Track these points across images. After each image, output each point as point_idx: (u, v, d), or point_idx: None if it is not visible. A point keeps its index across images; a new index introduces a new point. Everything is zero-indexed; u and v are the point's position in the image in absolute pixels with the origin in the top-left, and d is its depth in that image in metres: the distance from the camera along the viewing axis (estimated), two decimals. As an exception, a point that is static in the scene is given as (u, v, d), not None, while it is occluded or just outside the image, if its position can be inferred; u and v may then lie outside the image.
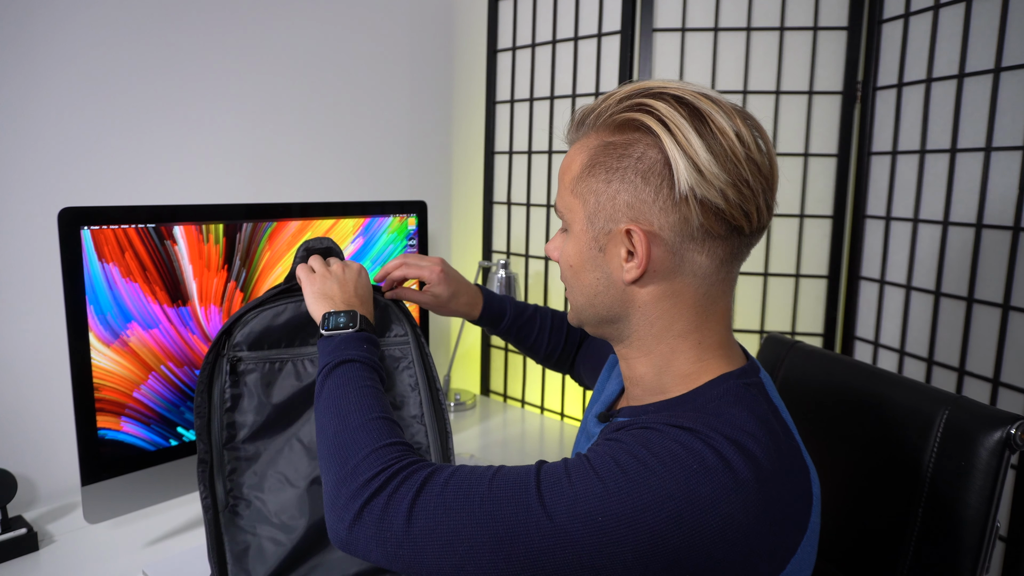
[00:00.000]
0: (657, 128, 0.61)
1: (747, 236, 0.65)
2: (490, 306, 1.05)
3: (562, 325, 1.10)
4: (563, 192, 0.70)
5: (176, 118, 1.30)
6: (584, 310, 0.72)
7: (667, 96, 0.63)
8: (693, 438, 0.58)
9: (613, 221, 0.65)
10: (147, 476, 1.01)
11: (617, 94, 0.66)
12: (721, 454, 0.57)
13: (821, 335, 1.50)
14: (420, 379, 0.92)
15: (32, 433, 1.17)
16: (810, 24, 1.42)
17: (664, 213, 0.63)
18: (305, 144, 1.53)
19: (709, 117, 0.61)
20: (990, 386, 1.19)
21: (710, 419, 0.61)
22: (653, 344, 0.69)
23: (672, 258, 0.64)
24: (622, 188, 0.64)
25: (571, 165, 0.69)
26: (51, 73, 1.14)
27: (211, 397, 0.86)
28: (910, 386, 0.86)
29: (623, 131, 0.65)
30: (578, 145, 0.69)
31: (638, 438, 0.59)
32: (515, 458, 1.41)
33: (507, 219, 1.77)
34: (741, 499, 0.55)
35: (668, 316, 0.67)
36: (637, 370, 0.71)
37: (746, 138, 0.62)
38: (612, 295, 0.68)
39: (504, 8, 1.73)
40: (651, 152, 0.63)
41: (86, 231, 0.91)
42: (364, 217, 1.21)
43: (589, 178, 0.66)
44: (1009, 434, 0.73)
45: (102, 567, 0.99)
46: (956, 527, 0.76)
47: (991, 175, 1.19)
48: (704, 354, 0.68)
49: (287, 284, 0.91)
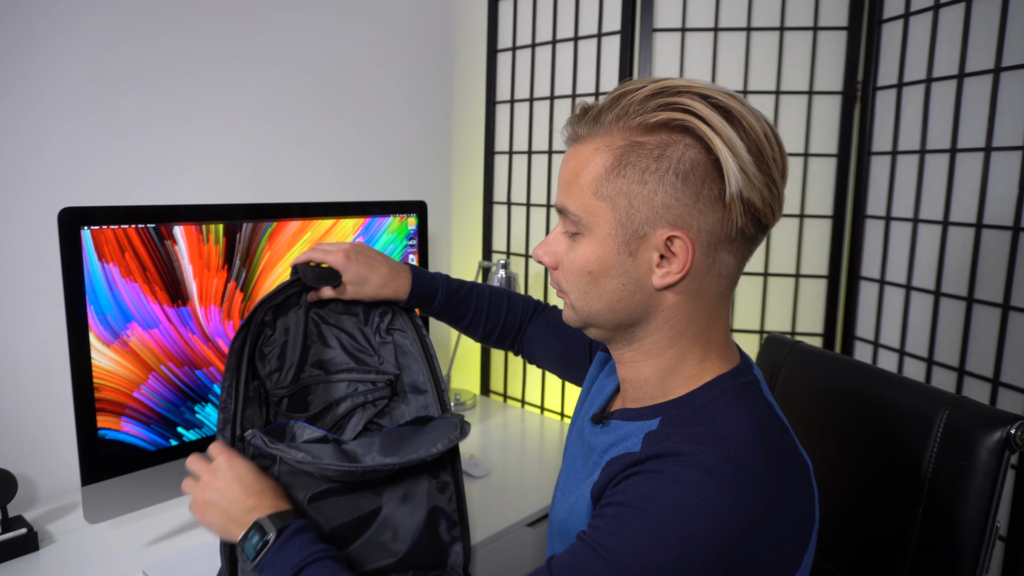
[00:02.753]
0: (702, 128, 0.60)
1: (765, 233, 0.66)
2: (419, 287, 0.94)
3: (500, 303, 1.02)
4: (579, 194, 0.65)
5: (176, 118, 1.30)
6: (599, 315, 0.68)
7: (694, 95, 0.61)
8: (691, 471, 0.58)
9: (650, 225, 0.62)
10: (147, 476, 1.01)
11: (637, 93, 0.63)
12: (725, 479, 0.57)
13: (821, 335, 1.50)
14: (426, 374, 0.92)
15: (32, 433, 1.17)
16: (810, 24, 1.42)
17: (703, 215, 0.62)
18: (305, 144, 1.53)
19: (741, 117, 0.61)
20: (990, 386, 1.19)
21: (708, 435, 0.61)
22: (664, 347, 0.68)
23: (705, 260, 0.64)
24: (659, 189, 0.61)
25: (588, 165, 0.64)
26: (51, 74, 1.14)
27: (237, 390, 0.81)
28: (910, 386, 0.86)
29: (655, 131, 0.62)
30: (595, 144, 0.65)
31: (639, 494, 0.59)
32: (515, 458, 1.41)
33: (507, 219, 1.77)
34: (749, 516, 0.57)
35: (688, 319, 0.66)
36: (641, 373, 0.70)
37: (771, 137, 0.62)
38: (637, 300, 0.66)
39: (504, 8, 1.73)
40: (691, 152, 0.61)
41: (86, 231, 0.91)
42: (364, 217, 1.21)
43: (618, 179, 0.63)
44: (1009, 434, 0.73)
45: (102, 567, 0.99)
46: (956, 527, 0.76)
47: (991, 175, 1.19)
48: (708, 354, 0.68)
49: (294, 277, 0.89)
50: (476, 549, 1.08)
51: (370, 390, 0.94)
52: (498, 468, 1.35)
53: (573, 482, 0.76)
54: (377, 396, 0.95)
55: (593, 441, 0.74)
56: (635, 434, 0.68)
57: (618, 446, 0.69)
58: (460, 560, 0.87)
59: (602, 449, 0.72)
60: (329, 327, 0.93)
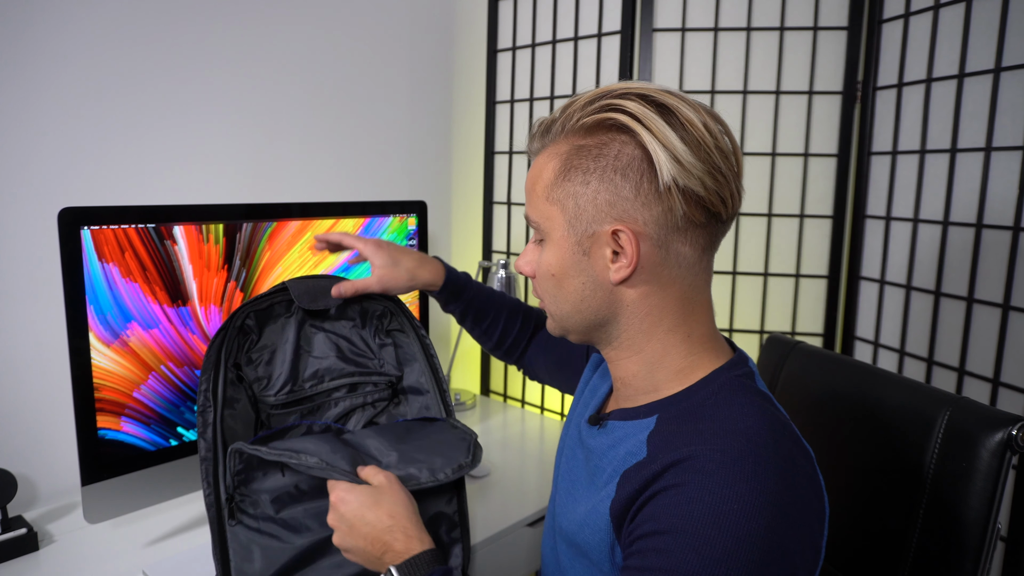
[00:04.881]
0: (632, 124, 0.62)
1: (723, 223, 0.67)
2: (452, 273, 0.99)
3: (517, 310, 1.05)
4: (536, 201, 0.69)
5: (176, 118, 1.30)
6: (569, 318, 0.71)
7: (632, 95, 0.64)
8: (714, 477, 0.57)
9: (596, 223, 0.65)
10: (147, 476, 1.01)
11: (580, 100, 0.66)
12: (749, 475, 0.57)
13: (821, 335, 1.50)
14: (428, 376, 0.93)
15: (32, 433, 1.17)
16: (810, 24, 1.42)
17: (647, 207, 0.63)
18: (305, 144, 1.53)
19: (676, 110, 0.63)
20: (990, 386, 1.19)
21: (717, 431, 0.61)
22: (643, 342, 0.69)
23: (658, 252, 0.65)
24: (601, 188, 0.64)
25: (542, 173, 0.69)
26: (51, 74, 1.14)
27: (216, 395, 0.83)
28: (911, 387, 0.86)
29: (594, 133, 0.65)
30: (546, 153, 0.69)
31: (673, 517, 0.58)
32: (515, 458, 1.41)
33: (507, 219, 1.77)
34: (780, 504, 0.57)
35: (657, 312, 0.67)
36: (629, 369, 0.71)
37: (712, 128, 0.63)
38: (599, 298, 0.68)
39: (504, 8, 1.73)
40: (627, 149, 0.63)
41: (86, 231, 0.91)
42: (364, 217, 1.21)
43: (565, 182, 0.66)
44: (1010, 435, 0.73)
45: (102, 567, 0.99)
46: (957, 528, 0.76)
47: (991, 175, 1.19)
48: (694, 347, 0.68)
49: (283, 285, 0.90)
50: (476, 549, 1.08)
51: (370, 392, 0.95)
52: (498, 468, 1.35)
53: (579, 490, 0.75)
54: (376, 398, 0.95)
55: (592, 444, 0.74)
56: (634, 435, 0.68)
57: (618, 448, 0.69)
58: (459, 562, 0.87)
59: (601, 451, 0.72)
60: (326, 334, 0.93)
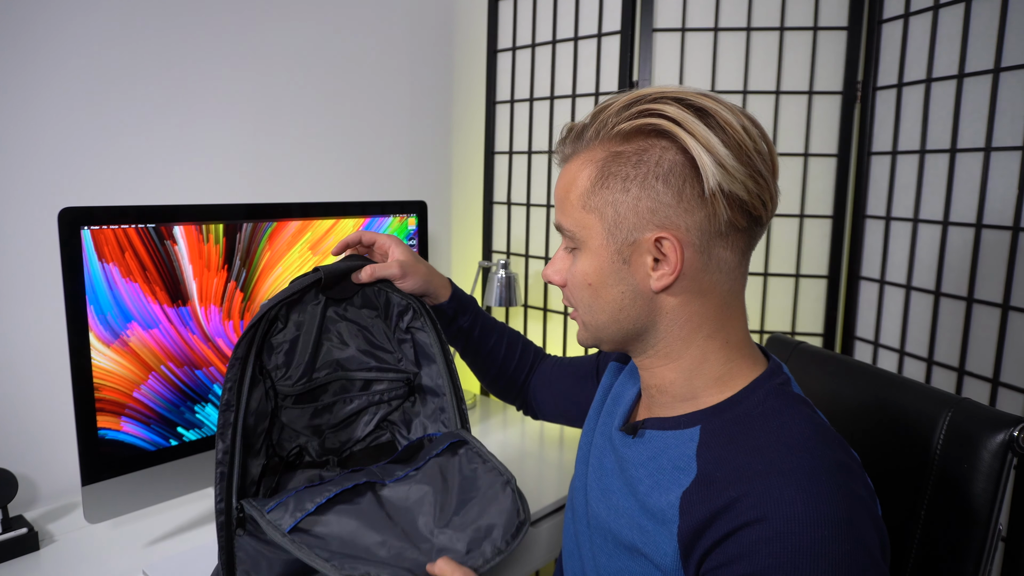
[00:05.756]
0: (673, 129, 0.61)
1: (761, 226, 0.66)
2: (458, 290, 0.97)
3: (517, 339, 1.04)
4: (570, 209, 0.68)
5: (176, 118, 1.30)
6: (606, 327, 0.69)
7: (668, 99, 0.63)
8: (794, 507, 0.55)
9: (638, 230, 0.64)
10: (147, 476, 1.01)
11: (614, 105, 0.65)
12: (823, 496, 0.56)
13: (821, 335, 1.50)
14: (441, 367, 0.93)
15: (32, 433, 1.17)
16: (810, 24, 1.42)
17: (689, 214, 0.62)
18: (305, 144, 1.52)
19: (715, 113, 0.62)
20: (990, 386, 1.19)
21: (776, 447, 0.60)
22: (682, 349, 0.68)
23: (700, 258, 0.64)
24: (643, 195, 0.63)
25: (576, 180, 0.67)
26: (51, 74, 1.14)
27: (240, 393, 0.78)
28: (913, 388, 0.86)
29: (632, 139, 0.64)
30: (579, 160, 0.67)
31: (763, 558, 0.55)
32: (515, 459, 1.41)
33: (507, 219, 1.77)
34: (868, 516, 0.57)
35: (697, 318, 0.66)
36: (665, 377, 0.70)
37: (751, 130, 0.63)
38: (639, 307, 0.67)
39: (504, 8, 1.73)
40: (668, 154, 0.62)
41: (86, 231, 0.91)
42: (364, 217, 1.20)
43: (603, 190, 0.65)
44: (1012, 436, 0.73)
45: (102, 567, 0.99)
46: (958, 529, 0.76)
47: (991, 175, 1.19)
48: (732, 354, 0.68)
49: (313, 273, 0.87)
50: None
51: (386, 388, 0.94)
52: (498, 468, 1.35)
53: (615, 496, 0.72)
54: (392, 395, 0.94)
55: (627, 453, 0.71)
56: (676, 447, 0.66)
57: (659, 460, 0.67)
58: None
59: (639, 462, 0.69)
60: (348, 323, 0.90)
